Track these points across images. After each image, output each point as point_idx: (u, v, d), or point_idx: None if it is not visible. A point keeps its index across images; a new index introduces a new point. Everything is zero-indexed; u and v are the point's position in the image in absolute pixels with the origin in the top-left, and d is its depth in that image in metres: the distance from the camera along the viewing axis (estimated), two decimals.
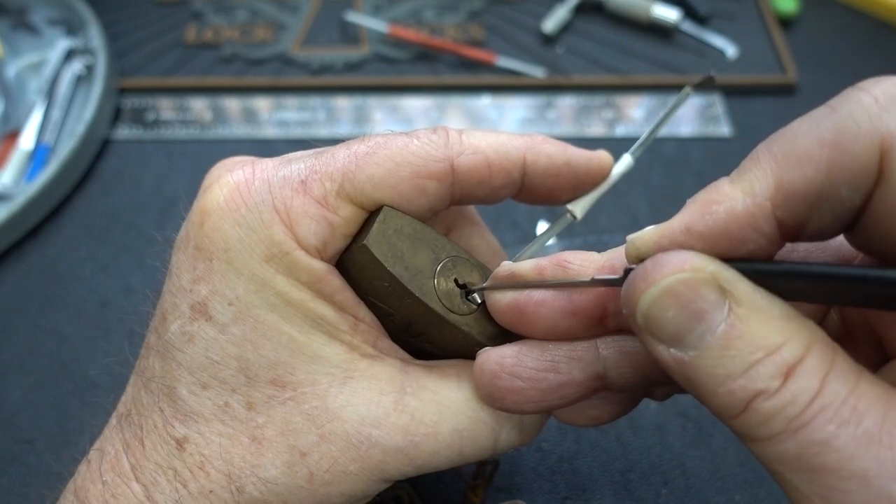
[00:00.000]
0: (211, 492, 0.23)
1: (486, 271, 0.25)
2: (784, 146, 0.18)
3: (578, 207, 0.26)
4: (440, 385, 0.24)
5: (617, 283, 0.21)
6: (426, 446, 0.24)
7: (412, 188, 0.24)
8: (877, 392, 0.17)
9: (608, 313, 0.23)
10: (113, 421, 0.25)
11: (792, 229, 0.19)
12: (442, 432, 0.24)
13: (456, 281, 0.24)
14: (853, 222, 0.19)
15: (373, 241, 0.23)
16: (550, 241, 0.27)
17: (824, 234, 0.19)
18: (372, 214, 0.24)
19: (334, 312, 0.24)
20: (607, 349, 0.23)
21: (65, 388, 0.38)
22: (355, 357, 0.24)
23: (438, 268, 0.24)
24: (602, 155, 0.27)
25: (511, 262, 0.24)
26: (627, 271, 0.20)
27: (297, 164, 0.24)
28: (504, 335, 0.25)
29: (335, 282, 0.24)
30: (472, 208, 0.29)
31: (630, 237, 0.20)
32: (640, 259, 0.20)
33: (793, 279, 0.18)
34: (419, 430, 0.24)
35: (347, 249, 0.24)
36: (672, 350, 0.19)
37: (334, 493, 0.23)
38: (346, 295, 0.24)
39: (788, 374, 0.18)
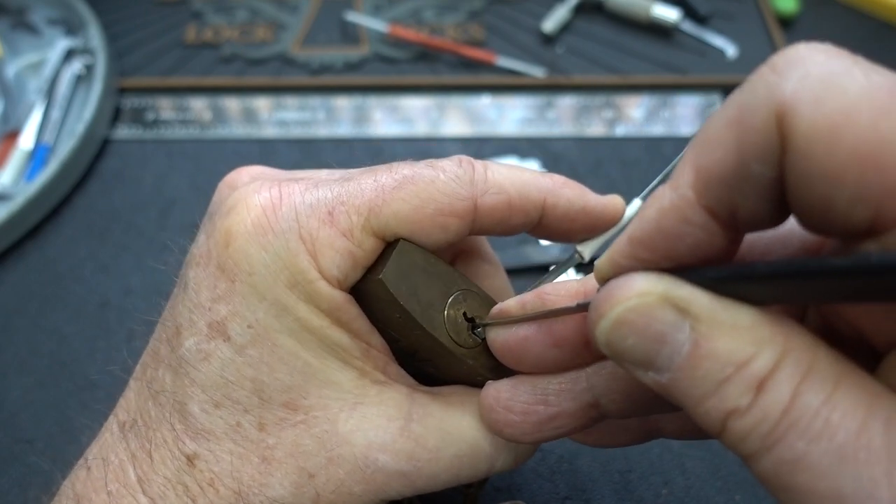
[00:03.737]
0: None
1: (485, 295, 0.26)
2: (700, 134, 0.18)
3: (588, 249, 0.26)
4: (444, 413, 0.25)
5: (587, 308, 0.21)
6: (427, 470, 0.24)
7: (434, 225, 0.24)
8: (856, 398, 0.16)
9: (590, 339, 0.23)
10: (114, 428, 0.25)
11: (726, 218, 0.18)
12: (443, 458, 0.24)
13: (465, 314, 0.25)
14: (785, 207, 0.18)
15: (388, 275, 0.23)
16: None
17: (764, 220, 0.18)
18: (388, 245, 0.24)
19: (349, 339, 0.24)
20: (596, 377, 0.23)
21: (65, 388, 0.38)
22: (366, 383, 0.25)
23: (449, 301, 0.25)
24: (616, 201, 0.27)
25: (500, 304, 0.25)
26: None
27: (324, 192, 0.24)
28: (504, 368, 0.25)
29: (353, 311, 0.24)
30: (490, 251, 0.30)
31: (596, 262, 0.20)
32: (604, 280, 0.19)
33: (746, 282, 0.17)
34: (423, 455, 0.24)
35: (363, 279, 0.24)
36: (650, 374, 0.18)
37: None
38: (361, 323, 0.25)
39: (760, 387, 0.17)
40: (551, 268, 0.27)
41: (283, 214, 0.23)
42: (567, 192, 0.26)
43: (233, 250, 0.23)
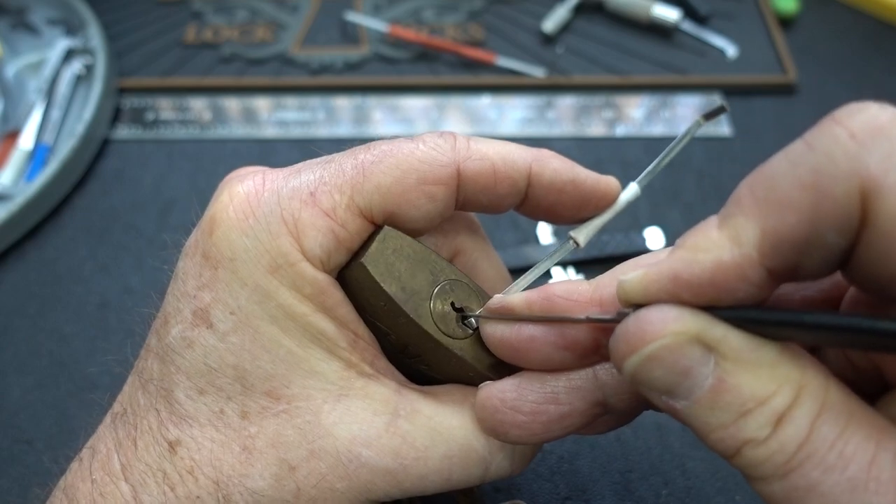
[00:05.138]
0: (198, 497, 0.23)
1: (485, 296, 0.25)
2: (765, 189, 0.18)
3: (582, 235, 0.26)
4: (434, 410, 0.24)
5: (610, 321, 0.21)
6: (415, 470, 0.24)
7: (420, 195, 0.24)
8: (867, 433, 0.17)
9: (601, 345, 0.22)
10: (108, 419, 0.25)
11: (782, 274, 0.18)
12: (432, 457, 0.24)
13: (453, 304, 0.25)
14: (844, 264, 0.18)
15: (370, 259, 0.23)
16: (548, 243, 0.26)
17: (815, 276, 0.19)
18: (374, 232, 0.24)
19: (334, 327, 0.24)
20: (606, 375, 0.23)
21: (64, 388, 0.38)
22: (352, 375, 0.24)
23: (435, 290, 0.24)
24: (610, 180, 0.26)
25: (502, 296, 0.24)
26: (621, 314, 0.20)
27: (306, 175, 0.24)
28: (499, 361, 0.25)
29: (337, 295, 0.24)
30: (481, 230, 0.29)
31: (620, 278, 0.20)
32: (629, 303, 0.20)
33: (783, 327, 0.18)
34: (409, 453, 0.24)
35: (347, 266, 0.24)
36: (664, 398, 0.19)
37: None
38: (347, 310, 0.24)
39: (779, 422, 0.18)
40: (539, 230, 0.26)
41: (265, 199, 0.24)
42: (554, 163, 0.26)
43: (216, 237, 0.24)
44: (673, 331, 0.18)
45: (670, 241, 0.43)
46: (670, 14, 0.54)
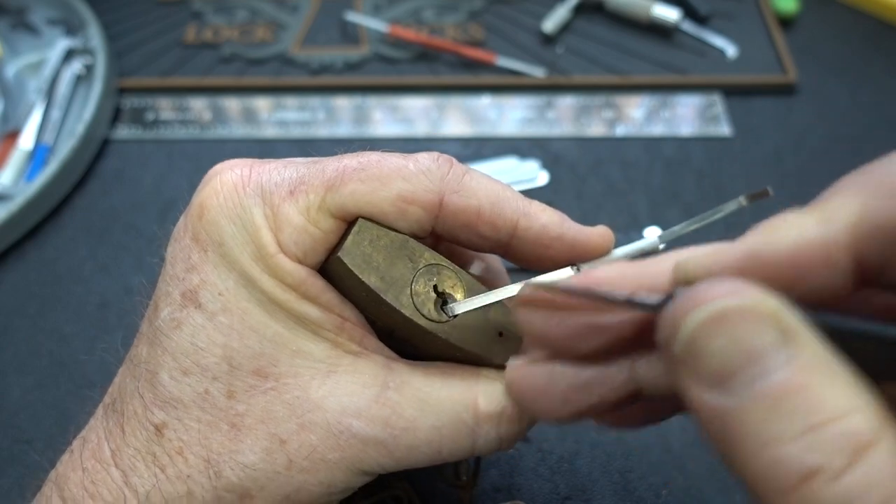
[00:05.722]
0: (189, 476, 0.23)
1: (466, 277, 0.26)
2: (878, 175, 0.16)
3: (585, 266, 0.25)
4: (423, 382, 0.25)
5: (655, 306, 0.18)
6: (404, 440, 0.24)
7: (395, 210, 0.24)
8: None
9: (643, 334, 0.20)
10: (99, 411, 0.26)
11: (870, 272, 0.15)
12: (421, 428, 0.24)
13: (435, 288, 0.25)
14: None
15: (347, 252, 0.24)
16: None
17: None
18: (350, 226, 0.24)
19: (320, 312, 0.24)
20: (643, 368, 0.21)
21: (64, 388, 0.38)
22: (340, 353, 0.25)
23: (415, 277, 0.24)
24: (602, 232, 0.26)
25: (539, 280, 0.23)
26: (669, 296, 0.17)
27: (290, 172, 0.25)
28: (488, 340, 0.25)
29: (318, 283, 0.24)
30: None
31: (680, 260, 0.18)
32: (689, 284, 0.17)
33: (866, 340, 0.15)
34: (398, 423, 0.24)
35: (327, 260, 0.25)
36: (711, 393, 0.16)
37: (313, 480, 0.24)
38: (331, 296, 0.25)
39: (859, 452, 0.14)
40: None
41: (250, 190, 0.24)
42: (543, 218, 0.25)
43: (205, 222, 0.24)
44: (752, 295, 0.15)
45: (670, 241, 0.43)
46: (670, 14, 0.54)
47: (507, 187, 0.26)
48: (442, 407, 0.24)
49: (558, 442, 0.36)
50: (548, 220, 0.25)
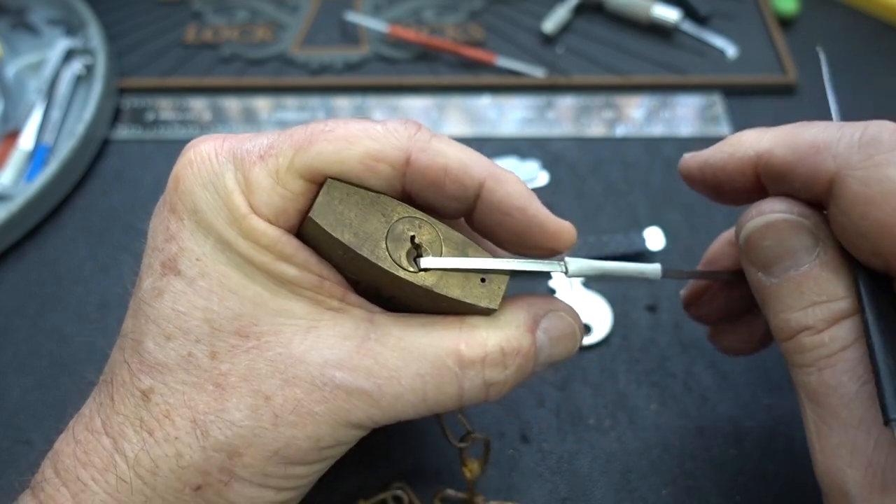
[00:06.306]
0: (176, 438, 0.24)
1: (443, 228, 0.26)
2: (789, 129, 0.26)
3: (574, 264, 0.26)
4: (404, 332, 0.25)
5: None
6: (389, 389, 0.24)
7: (363, 168, 0.24)
8: None
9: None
10: (95, 390, 0.26)
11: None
12: (405, 376, 0.24)
13: (412, 239, 0.25)
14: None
15: (317, 212, 0.24)
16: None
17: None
18: (319, 188, 0.25)
19: (297, 271, 0.25)
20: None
21: (65, 388, 0.38)
22: (321, 310, 0.25)
23: (389, 229, 0.25)
24: (564, 225, 0.26)
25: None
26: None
27: (261, 139, 0.25)
28: (470, 285, 0.25)
29: (293, 243, 0.25)
30: None
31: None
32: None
33: None
34: (382, 373, 0.24)
35: (301, 224, 0.25)
36: (760, 273, 0.24)
37: (300, 435, 0.24)
38: (307, 255, 0.25)
39: (836, 321, 0.23)
40: (534, 260, 0.27)
41: (223, 158, 0.25)
42: (511, 187, 0.25)
43: (180, 191, 0.25)
44: (800, 211, 0.24)
45: (670, 241, 0.43)
46: (670, 14, 0.54)
47: (478, 153, 0.26)
48: (424, 354, 0.25)
49: (558, 442, 0.36)
50: (513, 189, 0.25)
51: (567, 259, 0.26)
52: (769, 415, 0.36)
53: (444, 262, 0.25)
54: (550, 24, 0.55)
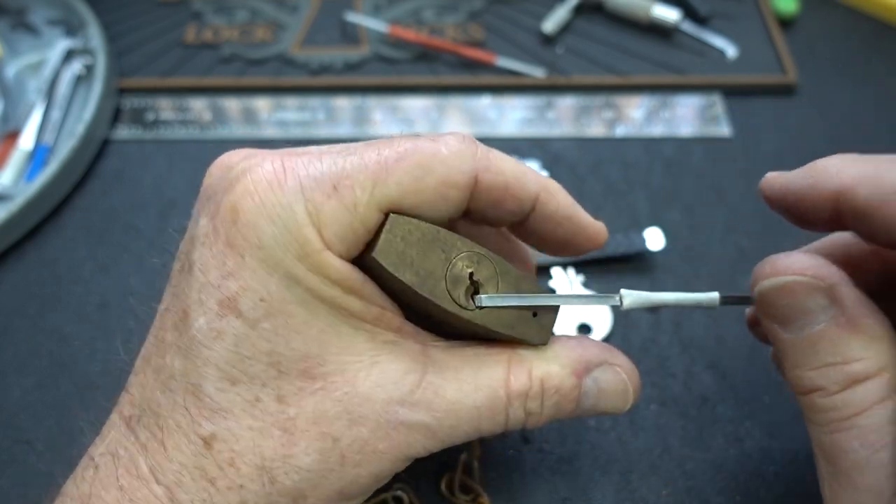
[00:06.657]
0: (241, 486, 0.23)
1: (500, 262, 0.26)
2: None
3: (630, 298, 0.26)
4: (460, 364, 0.25)
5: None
6: (447, 422, 0.24)
7: (436, 196, 0.24)
8: None
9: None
10: (119, 424, 0.25)
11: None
12: (463, 408, 0.25)
13: (471, 276, 0.25)
14: None
15: (381, 252, 0.24)
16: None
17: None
18: (383, 219, 0.24)
19: (361, 304, 0.24)
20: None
21: (65, 388, 0.38)
22: (379, 343, 0.25)
23: (449, 268, 0.25)
24: (599, 228, 0.28)
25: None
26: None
27: (328, 165, 0.24)
28: (523, 320, 0.26)
29: (360, 276, 0.24)
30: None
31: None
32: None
33: None
34: (441, 406, 0.24)
35: (360, 256, 0.25)
36: (777, 326, 0.24)
37: (364, 473, 0.24)
38: (371, 288, 0.25)
39: (850, 385, 0.22)
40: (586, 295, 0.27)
41: (288, 188, 0.23)
42: (560, 196, 0.27)
43: (241, 225, 0.23)
44: (815, 274, 0.23)
45: (670, 241, 0.43)
46: (670, 14, 0.54)
47: (527, 166, 0.27)
48: (479, 386, 0.25)
49: (558, 442, 0.36)
50: (563, 199, 0.27)
51: (623, 292, 0.26)
52: (769, 415, 0.36)
53: (502, 300, 0.25)
54: (550, 24, 0.55)
